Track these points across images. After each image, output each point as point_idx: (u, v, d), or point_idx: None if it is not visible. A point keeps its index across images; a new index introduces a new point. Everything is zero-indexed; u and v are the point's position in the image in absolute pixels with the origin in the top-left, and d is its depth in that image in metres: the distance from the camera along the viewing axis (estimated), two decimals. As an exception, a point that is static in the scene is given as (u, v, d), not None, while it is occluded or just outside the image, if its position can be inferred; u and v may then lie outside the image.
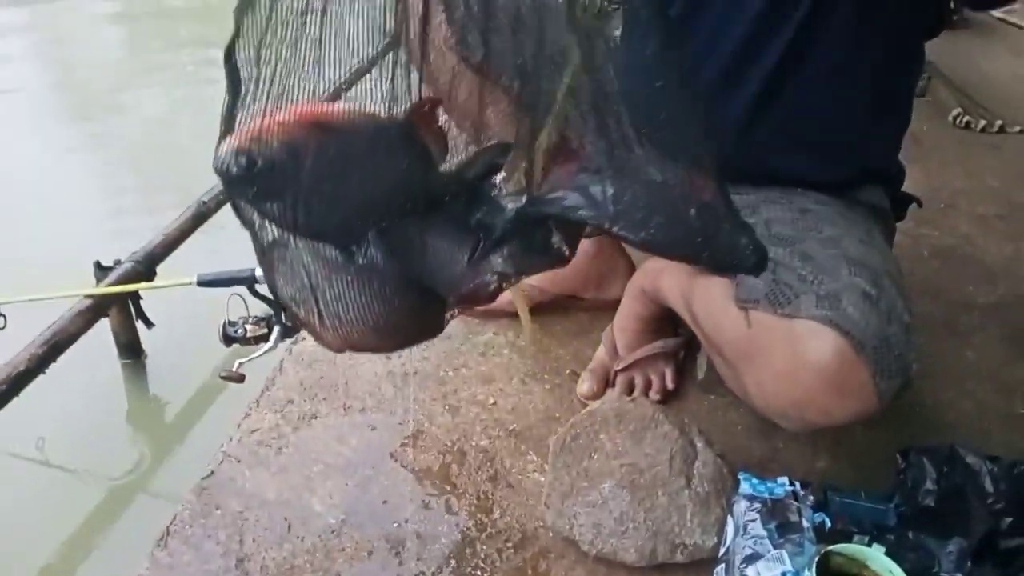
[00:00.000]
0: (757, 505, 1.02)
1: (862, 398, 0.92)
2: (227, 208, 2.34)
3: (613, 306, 1.37)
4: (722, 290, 1.06)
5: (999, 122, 2.34)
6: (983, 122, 2.34)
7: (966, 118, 2.35)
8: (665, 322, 1.34)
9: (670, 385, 1.34)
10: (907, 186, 1.99)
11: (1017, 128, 2.34)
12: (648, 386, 1.33)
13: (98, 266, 1.97)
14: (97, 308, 1.88)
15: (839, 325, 0.90)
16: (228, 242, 2.47)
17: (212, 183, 2.29)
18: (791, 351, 0.93)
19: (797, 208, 1.11)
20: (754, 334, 0.98)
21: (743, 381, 1.05)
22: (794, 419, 1.01)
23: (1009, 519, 1.05)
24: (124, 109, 3.93)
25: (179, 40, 4.74)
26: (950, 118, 2.37)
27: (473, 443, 1.24)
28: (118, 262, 1.96)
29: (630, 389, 1.32)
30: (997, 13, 3.27)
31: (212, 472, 1.19)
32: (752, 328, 0.98)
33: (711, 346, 1.14)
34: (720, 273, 0.99)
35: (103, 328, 1.98)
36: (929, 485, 1.09)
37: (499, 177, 0.74)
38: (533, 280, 1.48)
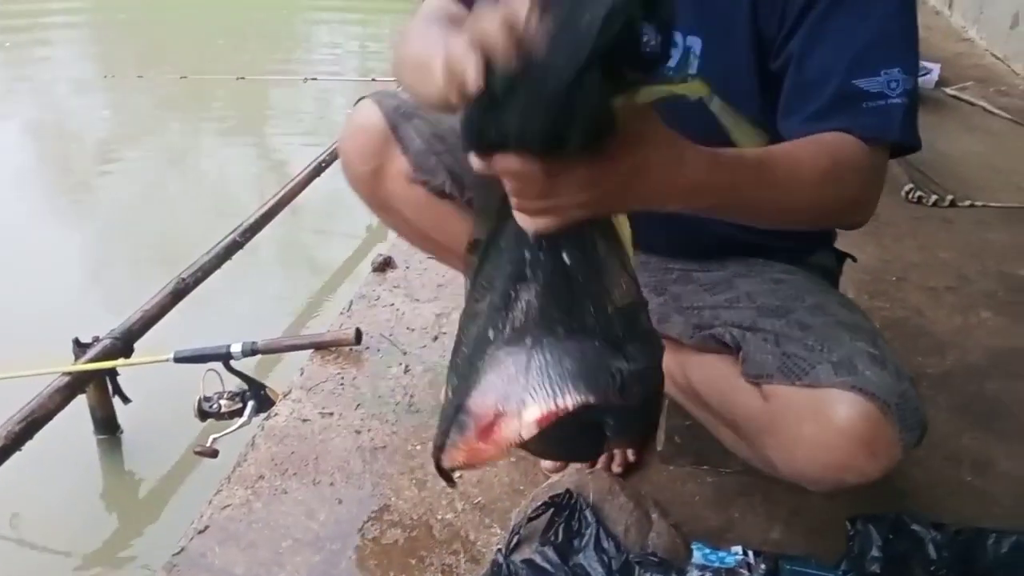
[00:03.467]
0: (707, 574, 1.06)
1: (891, 454, 0.96)
2: (206, 284, 2.40)
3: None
4: (725, 366, 1.09)
5: (950, 197, 2.44)
6: (935, 197, 2.44)
7: (918, 193, 2.45)
8: None
9: (631, 458, 1.38)
10: (862, 260, 2.08)
11: (968, 202, 2.44)
12: (610, 459, 1.37)
13: (76, 343, 2.00)
14: (75, 385, 1.91)
15: (863, 389, 0.94)
16: (207, 318, 2.52)
17: (192, 258, 2.34)
18: (820, 421, 0.96)
19: (770, 279, 1.16)
20: (773, 408, 1.01)
21: (765, 454, 1.06)
22: (829, 483, 1.02)
23: (952, 585, 1.10)
24: (109, 179, 4.00)
25: (165, 106, 4.84)
26: (903, 193, 2.46)
27: (439, 517, 1.28)
28: (96, 339, 2.00)
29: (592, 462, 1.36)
30: (950, 90, 3.42)
31: (183, 549, 1.22)
32: (769, 402, 1.01)
33: (718, 420, 1.17)
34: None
35: (80, 404, 2.00)
36: (875, 552, 1.14)
37: None
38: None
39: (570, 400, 0.82)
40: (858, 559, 1.13)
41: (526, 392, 0.82)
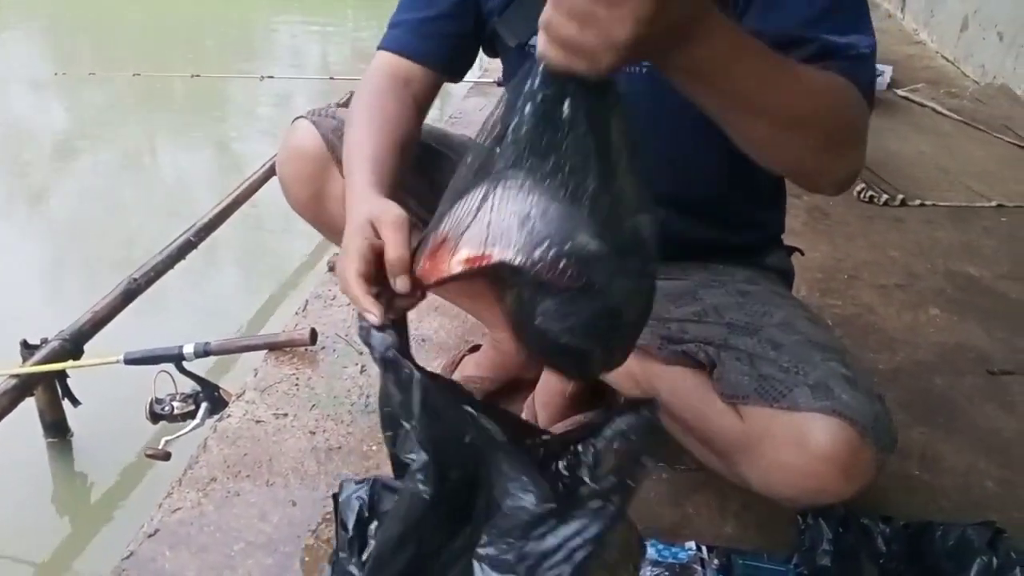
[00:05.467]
0: (660, 570, 1.07)
1: (868, 475, 0.98)
2: (158, 285, 2.36)
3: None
4: (696, 382, 1.10)
5: (900, 196, 2.49)
6: (885, 196, 2.48)
7: (870, 192, 2.49)
8: (586, 395, 1.38)
9: (587, 455, 1.38)
10: (814, 258, 2.11)
11: (918, 201, 2.49)
12: (566, 456, 1.37)
13: (24, 345, 1.96)
14: (23, 387, 1.88)
15: (842, 414, 0.95)
16: (160, 319, 2.49)
17: (143, 259, 2.31)
18: (800, 447, 0.97)
19: (735, 291, 1.17)
20: (750, 429, 1.02)
21: (739, 470, 1.08)
22: (803, 502, 1.04)
23: (901, 578, 1.12)
24: (60, 178, 3.93)
25: (118, 104, 4.77)
26: (855, 192, 2.51)
27: (394, 517, 1.27)
28: (45, 340, 1.96)
29: (550, 460, 1.36)
30: (902, 92, 3.48)
31: (132, 553, 1.20)
32: (746, 423, 1.02)
33: (690, 434, 1.17)
34: None
35: (29, 406, 1.96)
36: (826, 546, 1.15)
37: None
38: (480, 371, 1.50)
39: (497, 253, 0.76)
40: (809, 553, 1.15)
41: (467, 229, 0.78)
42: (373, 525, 1.05)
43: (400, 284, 0.88)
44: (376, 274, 0.91)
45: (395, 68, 1.18)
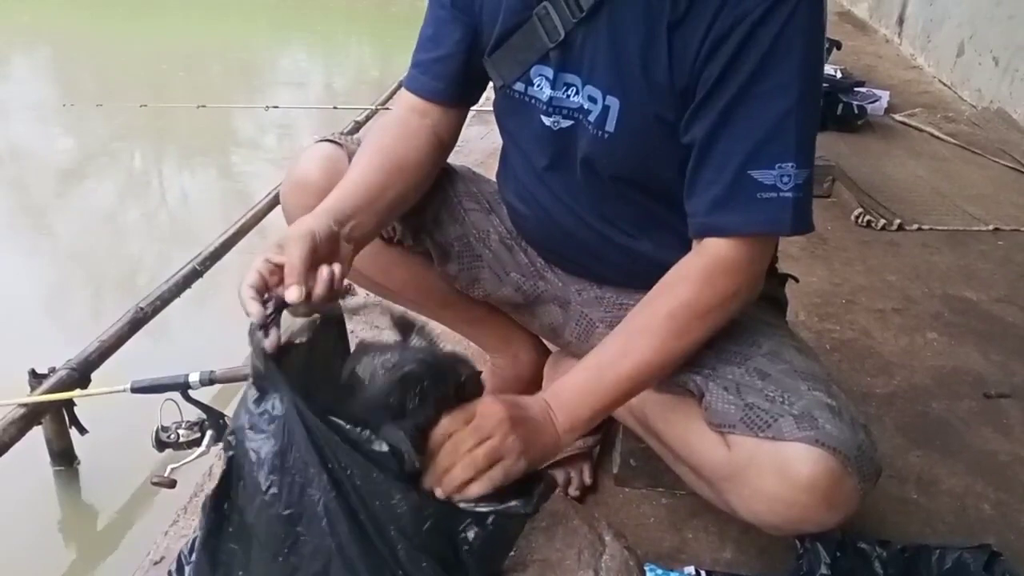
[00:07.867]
0: (658, 595, 1.08)
1: (850, 505, 1.00)
2: (164, 314, 2.37)
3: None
4: (685, 410, 1.12)
5: (897, 221, 2.51)
6: (883, 221, 2.51)
7: (867, 217, 2.52)
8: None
9: (587, 480, 1.40)
10: (812, 283, 2.13)
11: (915, 226, 2.51)
12: (568, 483, 1.39)
13: (32, 374, 1.98)
14: (31, 416, 1.89)
15: (825, 444, 0.97)
16: (166, 348, 2.51)
17: (150, 288, 2.33)
18: (783, 477, 0.99)
19: None
20: (736, 458, 1.04)
21: (726, 498, 1.09)
22: (787, 531, 1.06)
23: (897, 602, 1.13)
24: (68, 208, 3.97)
25: (125, 134, 4.81)
26: (852, 217, 2.53)
27: (397, 543, 1.28)
28: (53, 370, 1.98)
29: (550, 486, 1.37)
30: (899, 116, 3.52)
31: (139, 580, 1.21)
32: (732, 451, 1.04)
33: (679, 461, 1.19)
34: None
35: (36, 435, 1.98)
36: (824, 570, 1.17)
37: None
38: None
39: None
40: (806, 577, 1.16)
41: None
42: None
43: (289, 294, 0.94)
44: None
45: (413, 104, 1.26)
